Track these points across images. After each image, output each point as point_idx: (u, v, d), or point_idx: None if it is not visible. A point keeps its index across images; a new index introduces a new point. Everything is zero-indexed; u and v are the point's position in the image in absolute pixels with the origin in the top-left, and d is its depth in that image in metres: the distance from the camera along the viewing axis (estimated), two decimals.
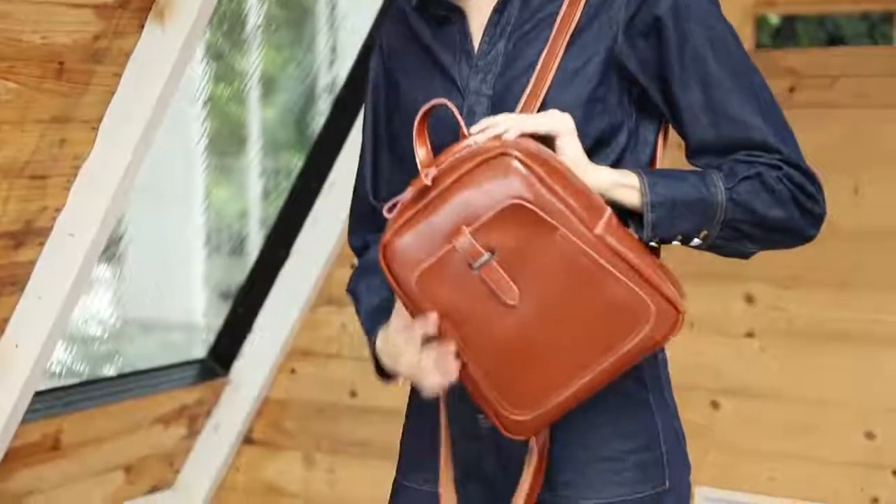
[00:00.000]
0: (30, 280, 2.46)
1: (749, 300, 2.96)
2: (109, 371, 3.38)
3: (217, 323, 3.43)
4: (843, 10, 3.53)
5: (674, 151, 1.60)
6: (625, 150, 1.54)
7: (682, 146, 1.55)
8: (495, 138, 1.43)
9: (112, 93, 2.36)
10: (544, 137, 1.45)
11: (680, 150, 1.57)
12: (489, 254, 1.41)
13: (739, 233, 1.49)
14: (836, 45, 3.82)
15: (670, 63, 1.50)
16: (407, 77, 1.62)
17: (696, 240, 1.49)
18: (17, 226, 2.35)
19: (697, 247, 1.50)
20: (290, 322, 3.34)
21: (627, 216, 1.48)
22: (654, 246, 1.51)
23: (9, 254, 2.38)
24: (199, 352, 3.44)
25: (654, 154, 1.57)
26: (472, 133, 1.44)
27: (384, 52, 1.66)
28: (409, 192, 1.44)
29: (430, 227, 1.42)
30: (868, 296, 2.87)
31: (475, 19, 1.58)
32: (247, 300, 3.37)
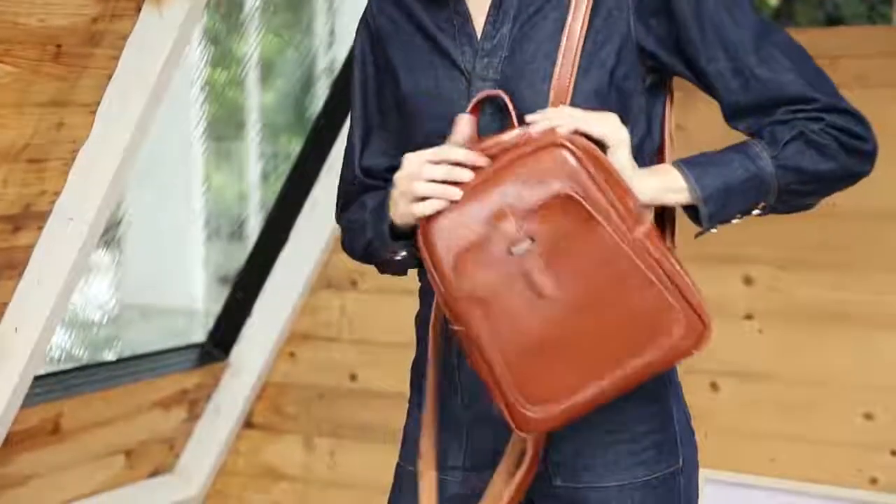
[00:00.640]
0: (28, 264, 2.45)
1: (748, 281, 2.96)
2: (109, 356, 3.38)
3: (216, 307, 3.43)
4: None
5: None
6: (645, 136, 1.54)
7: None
8: (549, 130, 1.43)
9: (110, 76, 2.35)
10: (595, 140, 1.45)
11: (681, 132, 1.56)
12: (530, 241, 1.41)
13: (796, 193, 1.50)
14: (836, 26, 3.81)
15: (690, 35, 1.50)
16: (404, 59, 1.60)
17: (756, 211, 1.51)
18: (16, 210, 2.35)
19: (758, 215, 1.51)
20: (290, 306, 3.34)
21: (682, 209, 1.49)
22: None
23: (7, 238, 2.37)
24: (199, 336, 3.44)
25: (663, 134, 1.57)
26: (529, 122, 1.44)
27: (372, 30, 1.64)
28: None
29: (475, 209, 1.43)
30: (868, 277, 2.87)
31: (471, 1, 1.57)
32: (246, 284, 3.36)
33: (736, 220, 1.51)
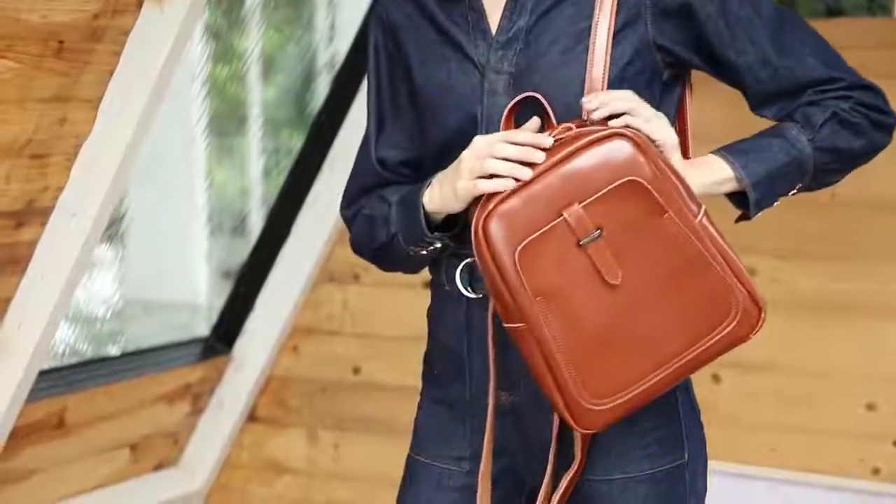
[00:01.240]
0: (32, 260, 2.46)
1: (750, 272, 2.92)
2: (113, 351, 3.39)
3: (219, 302, 3.44)
4: None
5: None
6: None
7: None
8: (602, 122, 1.44)
9: (111, 72, 2.36)
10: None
11: None
12: (598, 230, 1.42)
13: (829, 172, 1.54)
14: (836, 17, 3.81)
15: (717, 30, 1.52)
16: (417, 52, 1.60)
17: (793, 192, 1.55)
18: (19, 205, 2.35)
19: (793, 195, 1.55)
20: (292, 300, 3.35)
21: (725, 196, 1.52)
22: None
23: (10, 233, 2.38)
24: (202, 331, 3.45)
25: (683, 126, 1.58)
26: (586, 105, 1.45)
27: (385, 24, 1.64)
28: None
29: (538, 199, 1.42)
30: (870, 268, 2.88)
31: None
32: (249, 278, 3.37)
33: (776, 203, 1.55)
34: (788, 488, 2.93)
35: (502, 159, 1.44)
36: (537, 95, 1.48)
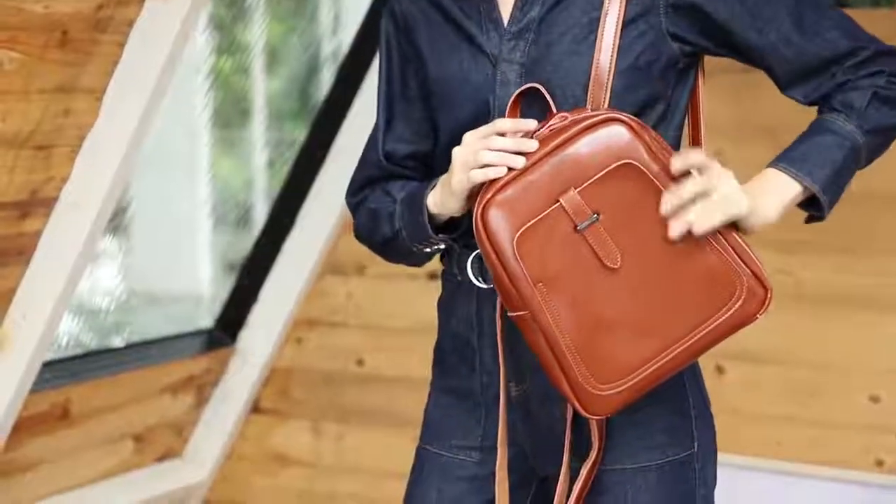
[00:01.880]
0: (36, 250, 2.46)
1: None
2: (117, 342, 3.39)
3: (223, 293, 3.44)
4: None
5: None
6: (661, 119, 1.55)
7: None
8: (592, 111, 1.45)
9: (115, 62, 2.36)
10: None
11: None
12: (595, 215, 1.42)
13: (878, 149, 1.54)
14: (841, 9, 3.81)
15: (735, 15, 1.51)
16: (430, 45, 1.61)
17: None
18: (23, 196, 2.35)
19: None
20: (296, 291, 3.35)
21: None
22: None
23: (15, 224, 2.38)
24: (206, 322, 3.45)
25: (685, 119, 1.58)
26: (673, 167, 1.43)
27: (397, 18, 1.64)
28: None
29: (534, 187, 1.42)
30: (875, 260, 2.88)
31: None
32: (252, 270, 3.37)
33: None
34: (792, 480, 2.93)
35: (495, 151, 1.45)
36: (539, 87, 1.48)
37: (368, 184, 1.68)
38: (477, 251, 1.54)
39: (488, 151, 1.45)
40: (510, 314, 1.46)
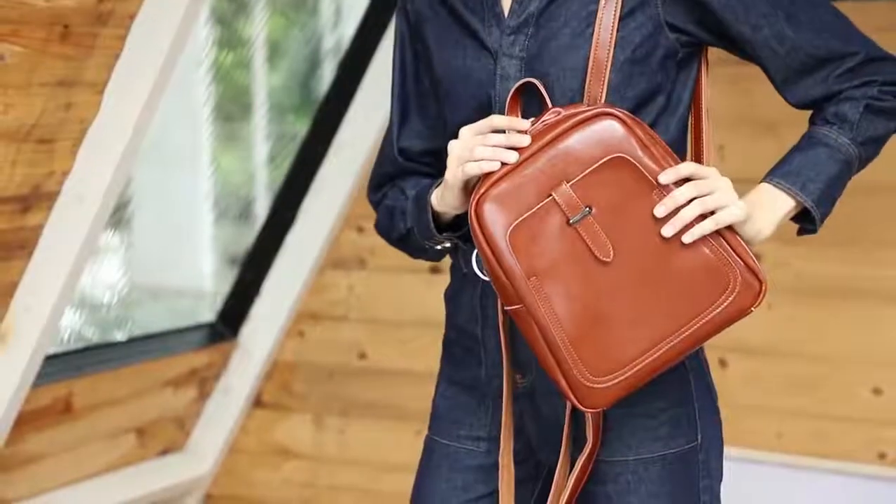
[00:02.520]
0: (38, 244, 2.46)
1: (756, 257, 2.96)
2: (119, 336, 3.40)
3: (225, 287, 3.44)
4: None
5: None
6: (662, 112, 1.55)
7: None
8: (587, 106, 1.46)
9: (117, 56, 2.36)
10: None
11: None
12: (588, 208, 1.42)
13: (870, 158, 1.55)
14: (841, 1, 3.80)
15: (730, 8, 1.51)
16: (437, 42, 1.62)
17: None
18: (25, 190, 2.36)
19: None
20: (298, 285, 3.35)
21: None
22: None
23: (17, 218, 2.38)
24: (208, 316, 3.46)
25: (689, 111, 1.58)
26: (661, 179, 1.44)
27: (409, 15, 1.66)
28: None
29: (527, 181, 1.43)
30: (876, 252, 2.88)
31: None
32: (254, 264, 3.37)
33: None
34: (795, 473, 2.93)
35: (489, 146, 1.46)
36: (535, 82, 1.49)
37: (386, 180, 1.70)
38: None
39: (482, 147, 1.46)
40: (506, 308, 1.47)
